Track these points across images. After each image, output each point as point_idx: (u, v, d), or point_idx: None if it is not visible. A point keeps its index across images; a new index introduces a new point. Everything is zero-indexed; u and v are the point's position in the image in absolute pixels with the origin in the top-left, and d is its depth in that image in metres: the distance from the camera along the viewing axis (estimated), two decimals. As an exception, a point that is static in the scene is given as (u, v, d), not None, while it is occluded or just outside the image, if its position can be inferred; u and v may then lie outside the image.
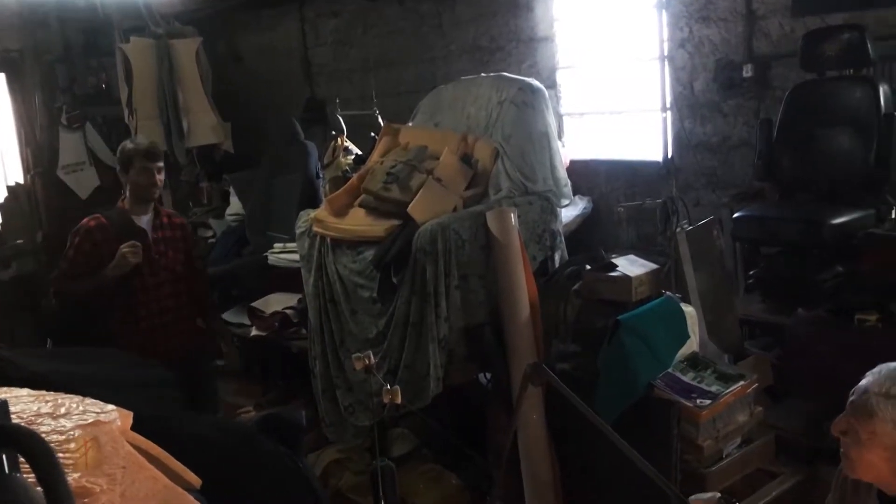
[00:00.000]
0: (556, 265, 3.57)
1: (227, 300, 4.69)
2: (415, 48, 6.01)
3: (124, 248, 3.17)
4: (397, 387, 1.86)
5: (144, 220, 3.37)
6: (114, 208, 3.41)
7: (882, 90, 3.41)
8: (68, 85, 6.40)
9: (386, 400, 1.86)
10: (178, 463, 1.35)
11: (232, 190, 5.57)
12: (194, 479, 1.38)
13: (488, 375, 3.50)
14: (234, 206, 5.47)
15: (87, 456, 1.11)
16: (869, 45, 3.43)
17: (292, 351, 4.14)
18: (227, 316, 4.51)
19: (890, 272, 2.97)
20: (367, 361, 1.86)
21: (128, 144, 3.38)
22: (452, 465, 3.53)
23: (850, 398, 1.63)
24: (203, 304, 3.68)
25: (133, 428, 1.26)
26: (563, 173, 3.74)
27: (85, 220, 3.36)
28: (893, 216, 3.43)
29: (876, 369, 1.63)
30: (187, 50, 5.90)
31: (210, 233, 5.64)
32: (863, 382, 1.63)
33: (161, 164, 3.37)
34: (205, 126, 5.96)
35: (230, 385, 4.59)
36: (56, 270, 3.40)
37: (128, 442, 1.22)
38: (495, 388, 3.42)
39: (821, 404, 3.23)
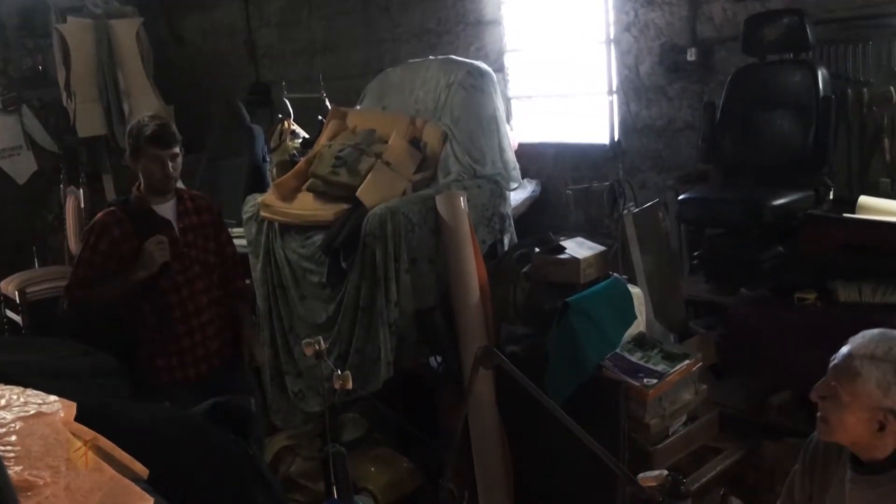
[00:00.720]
0: (506, 248, 3.59)
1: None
2: (362, 30, 5.95)
3: (149, 244, 2.74)
4: (348, 372, 1.86)
5: (167, 209, 2.89)
6: (129, 197, 2.92)
7: (820, 74, 3.49)
8: (3, 67, 6.20)
9: (337, 385, 1.85)
10: (125, 453, 1.33)
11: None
12: (141, 470, 1.36)
13: (439, 359, 3.51)
14: (179, 191, 5.36)
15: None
16: (808, 30, 3.50)
17: (240, 337, 4.08)
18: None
19: (828, 252, 3.05)
20: (318, 347, 1.85)
21: (134, 128, 2.86)
22: (404, 449, 3.54)
23: (833, 362, 1.68)
24: (239, 294, 3.20)
25: (77, 418, 1.23)
26: (511, 156, 3.75)
27: (99, 214, 2.92)
28: (831, 197, 3.53)
29: (858, 335, 1.69)
30: (127, 31, 5.75)
31: (154, 218, 5.52)
32: (845, 348, 1.67)
33: (175, 149, 2.85)
34: (147, 109, 5.81)
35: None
36: (69, 277, 2.93)
37: (72, 433, 1.19)
38: (446, 372, 3.44)
39: (762, 381, 3.33)
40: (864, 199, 3.41)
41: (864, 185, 3.63)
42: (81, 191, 5.33)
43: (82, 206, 5.23)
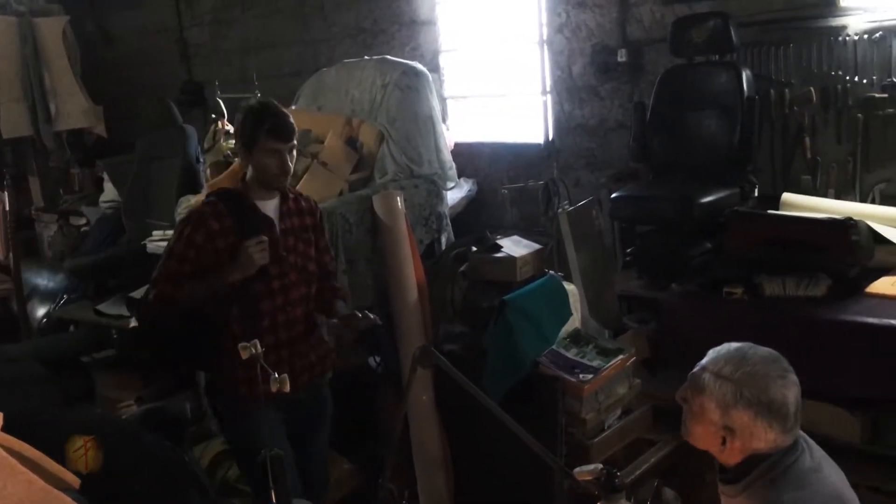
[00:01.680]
0: (443, 247, 3.62)
1: (104, 291, 4.51)
2: (296, 29, 5.90)
3: (250, 244, 2.42)
4: (285, 375, 1.84)
5: (270, 206, 2.60)
6: (231, 190, 2.64)
7: (745, 75, 3.61)
8: (-79, 65, 5.94)
9: (274, 388, 1.84)
10: (55, 463, 1.30)
11: (106, 176, 5.35)
12: (72, 480, 1.33)
13: (378, 359, 3.51)
14: (109, 192, 5.25)
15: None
16: (732, 32, 3.62)
17: (175, 341, 4.01)
18: (104, 307, 4.34)
19: (753, 247, 3.15)
20: (254, 350, 1.83)
21: (248, 117, 2.52)
22: (344, 450, 3.53)
23: (693, 370, 1.71)
24: (336, 293, 2.83)
25: (5, 428, 1.21)
26: (448, 156, 3.78)
27: (199, 204, 2.68)
28: (756, 194, 3.65)
29: (719, 347, 1.71)
30: (53, 29, 5.60)
31: (83, 221, 5.40)
32: (705, 358, 1.71)
33: (294, 142, 2.55)
34: (74, 109, 5.69)
35: (108, 378, 4.42)
36: (157, 270, 2.56)
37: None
38: (385, 372, 3.44)
39: (693, 374, 3.41)
40: (787, 196, 3.54)
41: (787, 183, 3.76)
42: (6, 193, 5.15)
43: (7, 208, 5.06)
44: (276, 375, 1.79)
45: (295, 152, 2.56)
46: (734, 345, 1.70)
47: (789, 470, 1.63)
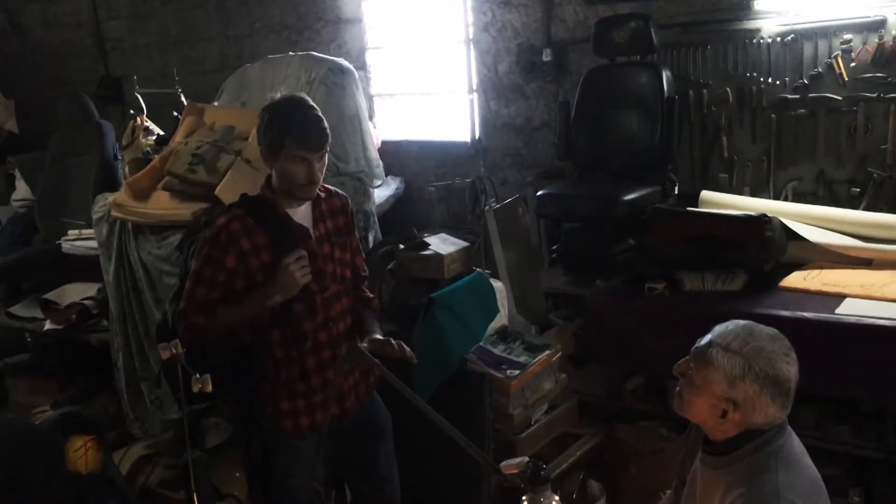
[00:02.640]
0: (371, 245, 3.59)
1: (16, 293, 4.34)
2: (219, 24, 5.79)
3: (290, 261, 2.13)
4: (207, 375, 1.80)
5: (303, 213, 2.29)
6: (257, 198, 2.28)
7: (665, 75, 3.70)
8: None
9: (195, 389, 1.79)
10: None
11: (18, 173, 5.17)
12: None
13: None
14: (21, 190, 5.08)
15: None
16: (653, 33, 3.70)
17: (92, 344, 3.90)
18: (17, 310, 4.18)
19: (674, 244, 3.23)
20: (174, 350, 1.79)
21: (275, 118, 2.19)
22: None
23: (696, 345, 1.74)
24: (366, 302, 2.53)
25: None
26: (374, 154, 3.75)
27: (221, 219, 2.25)
28: (676, 192, 3.74)
29: (726, 323, 1.74)
30: (-41, 20, 5.34)
31: (-7, 220, 5.19)
32: (710, 334, 1.73)
33: (327, 149, 2.23)
34: (-17, 103, 5.46)
35: (23, 383, 4.26)
36: (184, 298, 2.24)
37: None
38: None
39: (618, 368, 3.49)
40: (705, 194, 3.64)
41: (706, 181, 3.87)
42: None
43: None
44: (198, 375, 1.75)
45: (326, 158, 2.24)
46: (741, 322, 1.74)
47: (781, 451, 1.69)
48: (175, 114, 4.05)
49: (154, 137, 4.09)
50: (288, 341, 2.27)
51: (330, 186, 2.45)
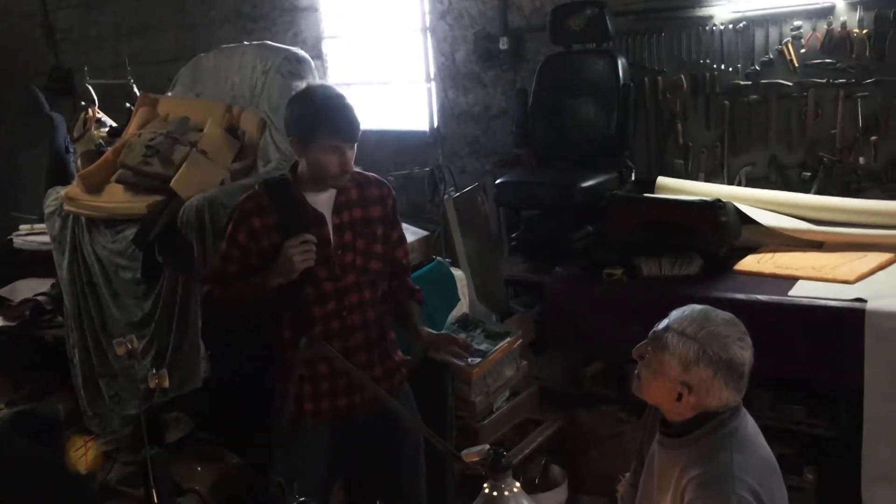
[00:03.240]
0: (330, 236, 3.58)
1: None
2: (172, 14, 5.69)
3: (290, 245, 2.15)
4: (164, 370, 1.78)
5: (323, 199, 2.28)
6: (280, 180, 2.31)
7: (620, 63, 3.73)
8: None
9: (152, 384, 1.78)
10: None
11: (-35, 168, 5.02)
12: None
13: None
14: (-30, 185, 4.94)
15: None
16: (608, 21, 3.73)
17: (47, 341, 3.83)
18: (-32, 307, 4.08)
19: (631, 230, 3.26)
20: (130, 346, 1.76)
21: (306, 108, 2.19)
22: (234, 445, 3.46)
23: (654, 329, 1.77)
24: (410, 293, 2.50)
25: None
26: (332, 144, 3.73)
27: (242, 198, 2.35)
28: (633, 178, 3.78)
29: (684, 308, 1.77)
30: None
31: (-59, 216, 5.05)
32: (667, 319, 1.76)
33: (357, 140, 2.23)
34: (-73, 96, 5.30)
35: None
36: (208, 268, 2.39)
37: None
38: (274, 363, 3.37)
39: (577, 354, 3.53)
40: (661, 180, 3.69)
41: (662, 167, 3.92)
42: None
43: None
44: (154, 371, 1.73)
45: (354, 151, 2.22)
46: (697, 307, 1.77)
47: (736, 432, 1.72)
48: (128, 105, 3.98)
49: (107, 129, 4.01)
50: (296, 324, 2.27)
51: (370, 174, 2.42)
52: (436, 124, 4.70)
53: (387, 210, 2.38)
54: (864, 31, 3.34)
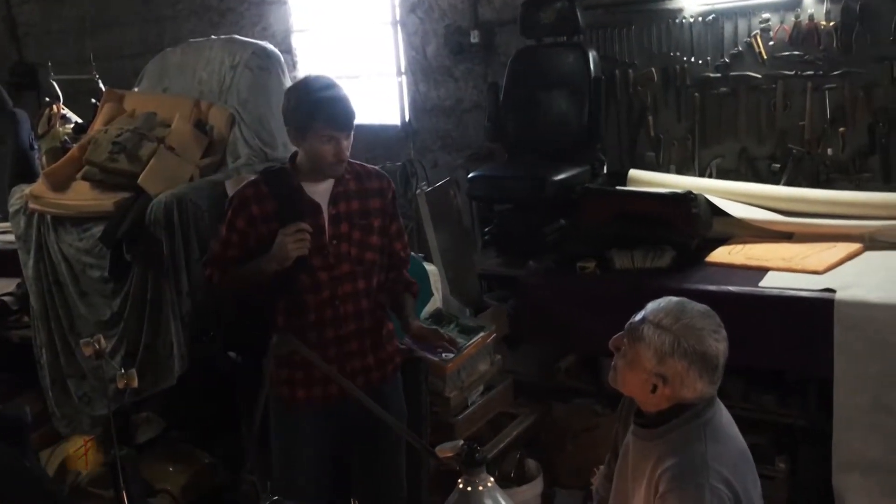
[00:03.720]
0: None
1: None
2: (138, 7, 5.61)
3: (285, 233, 2.20)
4: (133, 370, 1.76)
5: (320, 189, 2.33)
6: (279, 169, 2.40)
7: (591, 56, 3.73)
8: None
9: (121, 385, 1.75)
10: None
11: (-74, 166, 4.91)
12: None
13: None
14: (-69, 184, 4.83)
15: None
16: (578, 14, 3.73)
17: (13, 341, 3.77)
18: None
19: (604, 223, 3.27)
20: (98, 346, 1.73)
21: (303, 99, 2.26)
22: (206, 444, 3.42)
23: (631, 320, 1.77)
24: (406, 284, 2.56)
25: None
26: (302, 139, 3.70)
27: (242, 185, 2.42)
28: (605, 171, 3.79)
29: (661, 300, 1.77)
30: None
31: None
32: (644, 311, 1.76)
33: (352, 129, 2.30)
34: None
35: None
36: (209, 251, 2.46)
37: None
38: (245, 361, 3.34)
39: (551, 347, 3.53)
40: (633, 172, 3.70)
41: (633, 159, 3.93)
42: None
43: None
44: (123, 371, 1.70)
45: (351, 140, 2.29)
46: (674, 298, 1.77)
47: (710, 423, 1.73)
48: (93, 101, 3.92)
49: (72, 126, 3.95)
50: (291, 312, 2.33)
51: (371, 167, 2.48)
52: (407, 118, 4.68)
53: (385, 202, 2.43)
54: (831, 24, 3.37)
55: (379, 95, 4.89)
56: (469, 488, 1.52)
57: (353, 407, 2.31)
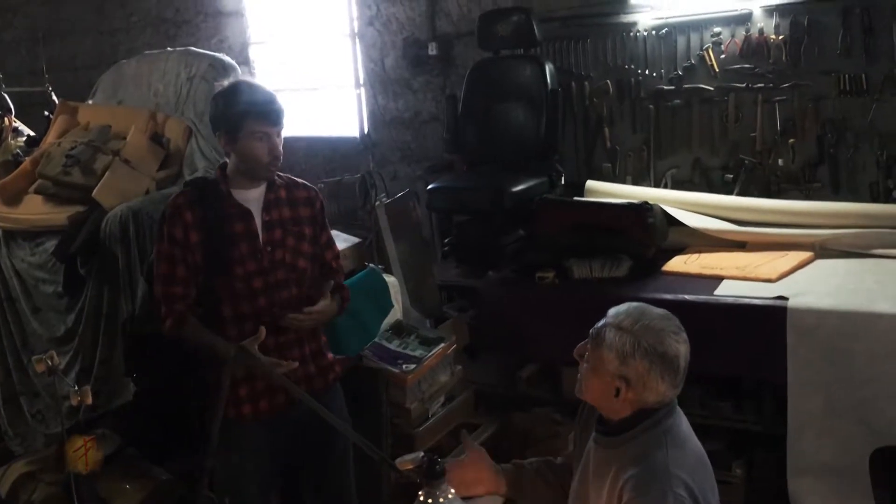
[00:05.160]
0: (260, 244, 3.52)
1: None
2: (92, 18, 5.54)
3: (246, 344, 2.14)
4: (87, 387, 1.73)
5: (251, 196, 2.31)
6: (207, 178, 2.41)
7: (548, 68, 3.77)
8: None
9: (75, 402, 1.72)
10: None
11: None
12: None
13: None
14: None
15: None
16: (535, 27, 3.77)
17: (-37, 360, 3.67)
18: None
19: (562, 233, 3.30)
20: (50, 362, 1.70)
21: (230, 97, 2.25)
22: (165, 460, 3.37)
23: (594, 326, 1.78)
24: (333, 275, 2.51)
25: None
26: (260, 151, 3.68)
27: (172, 196, 2.36)
28: (563, 182, 3.83)
29: (622, 305, 1.78)
30: None
31: None
32: (606, 316, 1.78)
33: (282, 126, 2.31)
34: None
35: None
36: (155, 282, 2.34)
37: None
38: (206, 374, 3.31)
39: (512, 357, 3.55)
40: (590, 183, 3.75)
41: (590, 170, 3.98)
42: None
43: None
44: (77, 388, 1.67)
45: (283, 135, 2.30)
46: (634, 303, 1.78)
47: (671, 430, 1.74)
48: (46, 113, 3.87)
49: (24, 139, 3.89)
50: (233, 321, 2.27)
51: (299, 179, 2.47)
52: (366, 130, 4.68)
53: (314, 211, 2.43)
54: (781, 37, 3.46)
55: (337, 108, 4.89)
56: (430, 500, 1.53)
57: (301, 415, 2.28)
